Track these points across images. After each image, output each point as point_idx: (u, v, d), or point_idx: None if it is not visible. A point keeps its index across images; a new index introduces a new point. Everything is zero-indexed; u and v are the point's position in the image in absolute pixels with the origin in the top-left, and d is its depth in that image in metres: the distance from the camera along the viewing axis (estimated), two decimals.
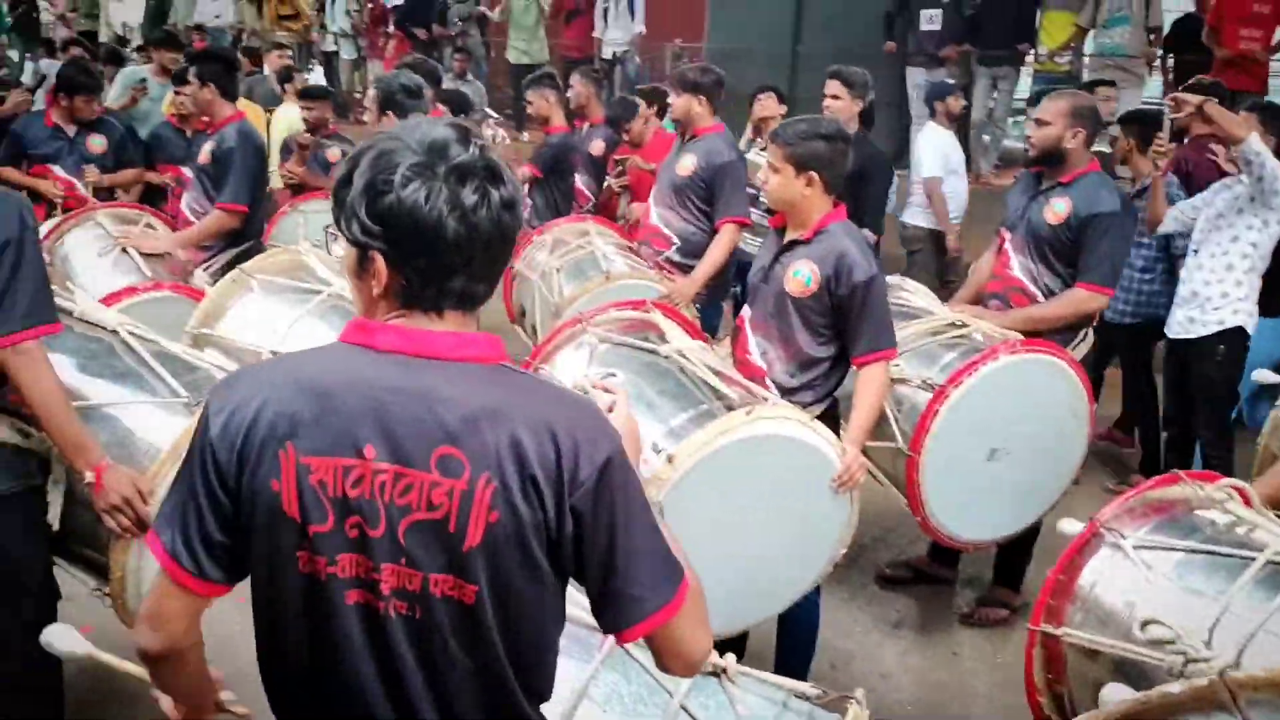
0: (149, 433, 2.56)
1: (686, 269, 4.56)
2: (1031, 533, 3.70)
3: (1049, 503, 3.56)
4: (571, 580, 1.41)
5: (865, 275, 2.95)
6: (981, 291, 3.95)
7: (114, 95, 7.06)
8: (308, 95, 6.34)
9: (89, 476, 2.35)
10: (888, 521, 4.32)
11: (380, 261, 1.32)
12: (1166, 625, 2.08)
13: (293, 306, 3.65)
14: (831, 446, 2.82)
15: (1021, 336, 3.43)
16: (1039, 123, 3.70)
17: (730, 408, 2.75)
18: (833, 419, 3.12)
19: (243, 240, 4.54)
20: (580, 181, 6.03)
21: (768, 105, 6.26)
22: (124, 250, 4.33)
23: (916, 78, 8.52)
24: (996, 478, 3.38)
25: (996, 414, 3.29)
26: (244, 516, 1.35)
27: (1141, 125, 5.01)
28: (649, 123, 5.92)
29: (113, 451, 2.45)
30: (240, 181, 4.44)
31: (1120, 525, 2.38)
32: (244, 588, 1.44)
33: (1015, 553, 3.84)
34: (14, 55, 11.98)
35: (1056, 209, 3.63)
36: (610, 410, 1.54)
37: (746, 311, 3.29)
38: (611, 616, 1.38)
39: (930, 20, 8.50)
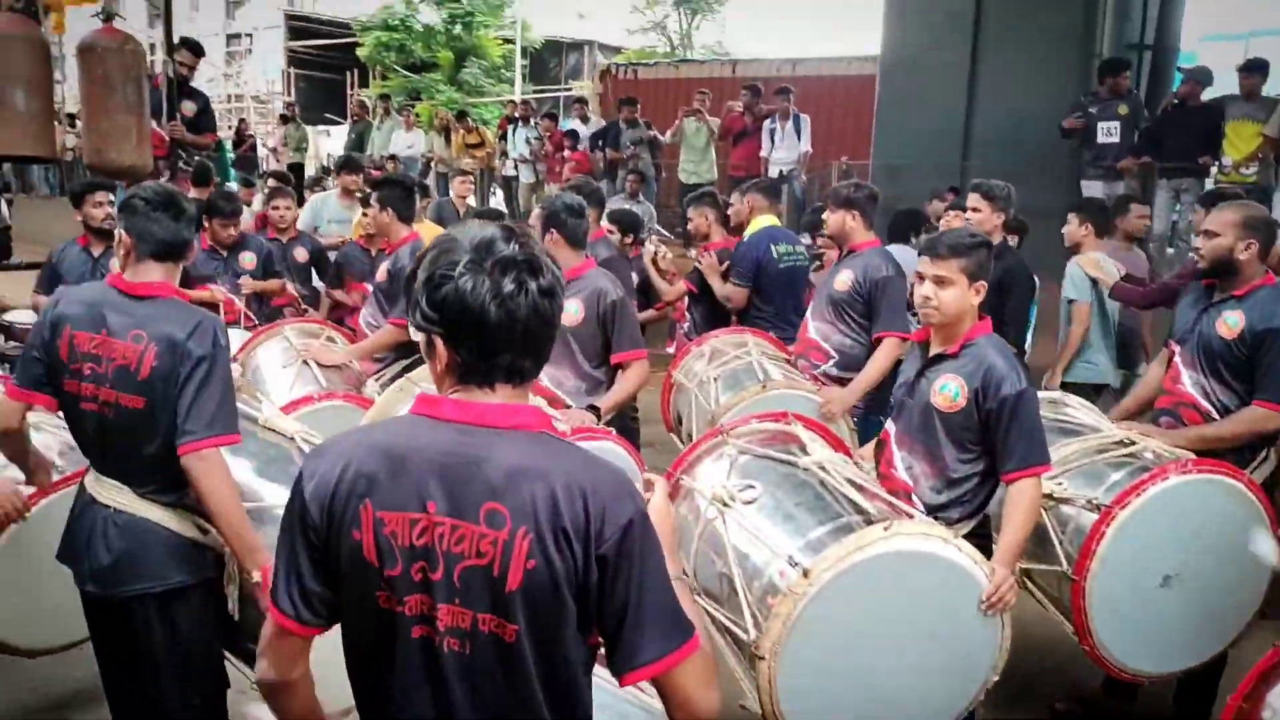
0: None
1: (844, 383, 4.54)
2: (1215, 666, 3.40)
3: (1231, 634, 3.27)
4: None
5: (1014, 389, 2.86)
6: (1150, 407, 3.77)
7: (304, 219, 7.63)
8: (481, 217, 6.73)
9: (256, 575, 2.51)
10: (1060, 651, 4.05)
11: (440, 343, 1.56)
12: None
13: None
14: (978, 565, 2.69)
15: (1194, 456, 3.22)
16: (1208, 234, 3.54)
17: (870, 522, 2.67)
18: (983, 537, 2.99)
19: (412, 353, 4.78)
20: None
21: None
22: (305, 362, 4.62)
23: (1094, 190, 8.31)
24: (1171, 606, 3.14)
25: (1169, 538, 3.08)
26: (333, 564, 1.59)
27: None
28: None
29: None
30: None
31: None
32: None
33: (1198, 689, 3.53)
34: (234, 187, 13.30)
35: (1229, 323, 3.45)
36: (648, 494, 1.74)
37: (891, 426, 3.22)
38: (620, 659, 1.55)
39: (1108, 133, 8.33)
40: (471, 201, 9.01)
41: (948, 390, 2.97)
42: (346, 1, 33.38)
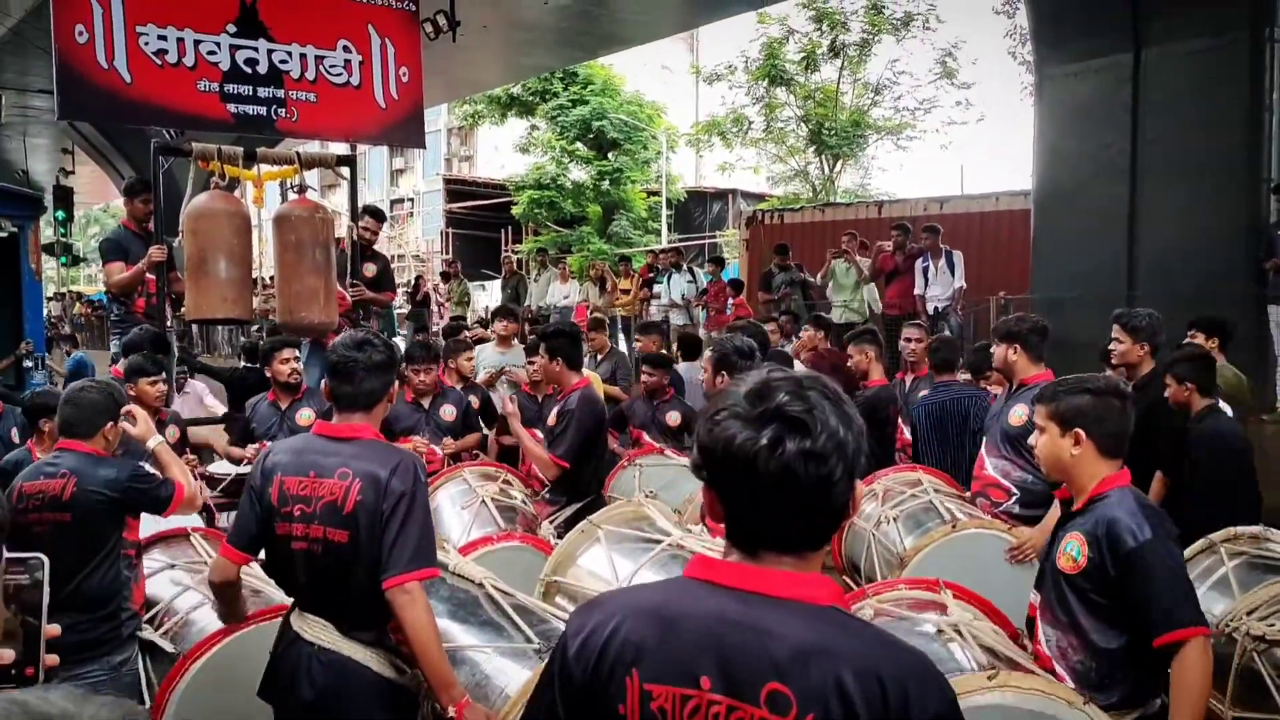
0: (502, 676, 2.78)
1: (1027, 520, 4.35)
2: None
3: None
4: None
5: (1135, 543, 2.57)
6: None
7: (480, 374, 7.95)
8: (649, 362, 6.87)
9: (451, 711, 2.54)
10: None
11: (710, 492, 1.47)
12: None
13: (635, 557, 3.84)
14: None
15: None
16: None
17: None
18: None
19: (584, 495, 4.89)
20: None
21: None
22: (483, 502, 4.79)
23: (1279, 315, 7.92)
24: None
25: None
26: None
27: None
28: None
29: (471, 691, 2.66)
30: (573, 440, 4.83)
31: None
32: None
33: None
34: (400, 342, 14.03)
35: None
36: None
37: (1034, 596, 2.92)
38: None
39: None
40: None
41: (1070, 550, 2.73)
42: (500, 163, 35.49)
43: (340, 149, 8.71)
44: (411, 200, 41.61)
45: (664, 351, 8.96)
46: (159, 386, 5.05)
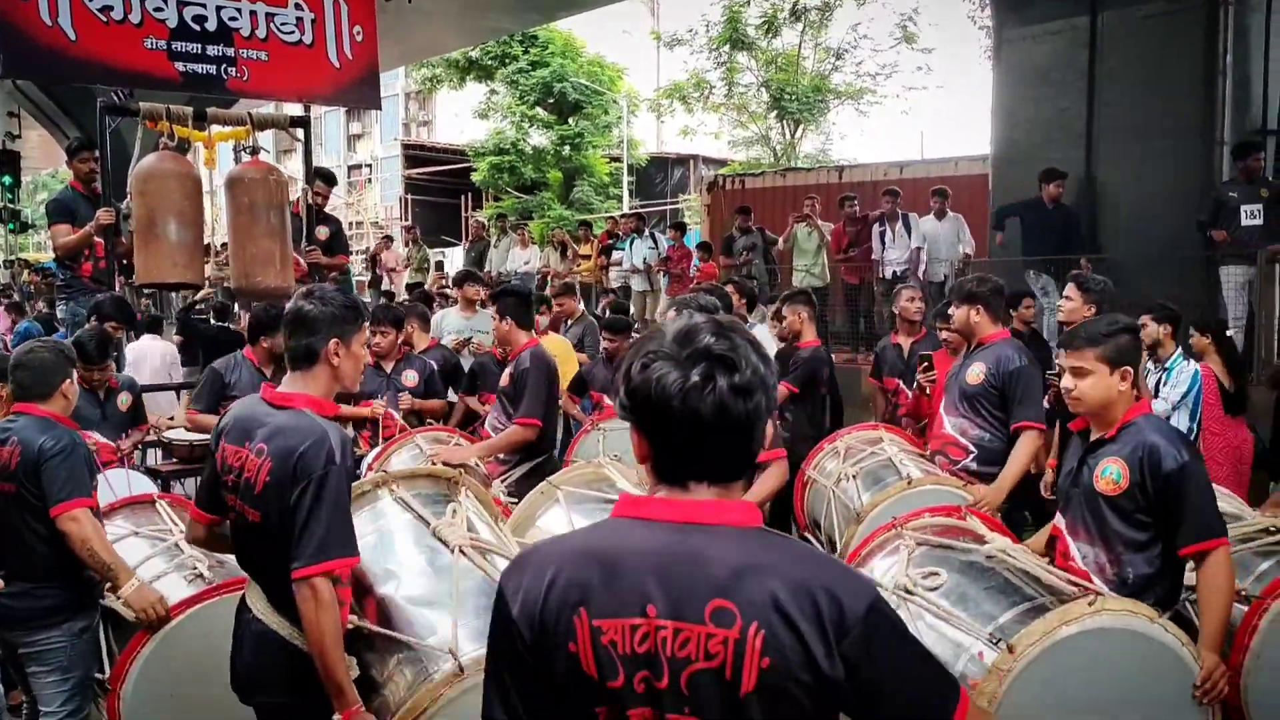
0: (433, 663, 2.65)
1: (984, 477, 4.41)
2: None
3: None
4: None
5: (1175, 464, 2.84)
6: None
7: (446, 339, 7.89)
8: (609, 328, 6.85)
9: (336, 718, 2.45)
10: None
11: (635, 432, 1.52)
12: None
13: (594, 517, 3.82)
14: (1185, 647, 2.56)
15: None
16: None
17: (1065, 601, 2.58)
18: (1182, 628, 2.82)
19: (537, 454, 4.85)
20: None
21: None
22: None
23: (1234, 276, 8.05)
24: None
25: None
26: (547, 679, 1.50)
27: None
28: None
29: (403, 670, 2.62)
30: (535, 399, 4.78)
31: None
32: None
33: None
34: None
35: None
36: None
37: (1060, 519, 3.17)
38: None
39: (1251, 215, 8.09)
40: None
41: (1109, 474, 2.93)
42: (459, 129, 35.11)
43: (295, 111, 8.54)
44: (369, 166, 41.05)
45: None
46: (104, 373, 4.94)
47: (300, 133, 7.55)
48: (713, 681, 1.41)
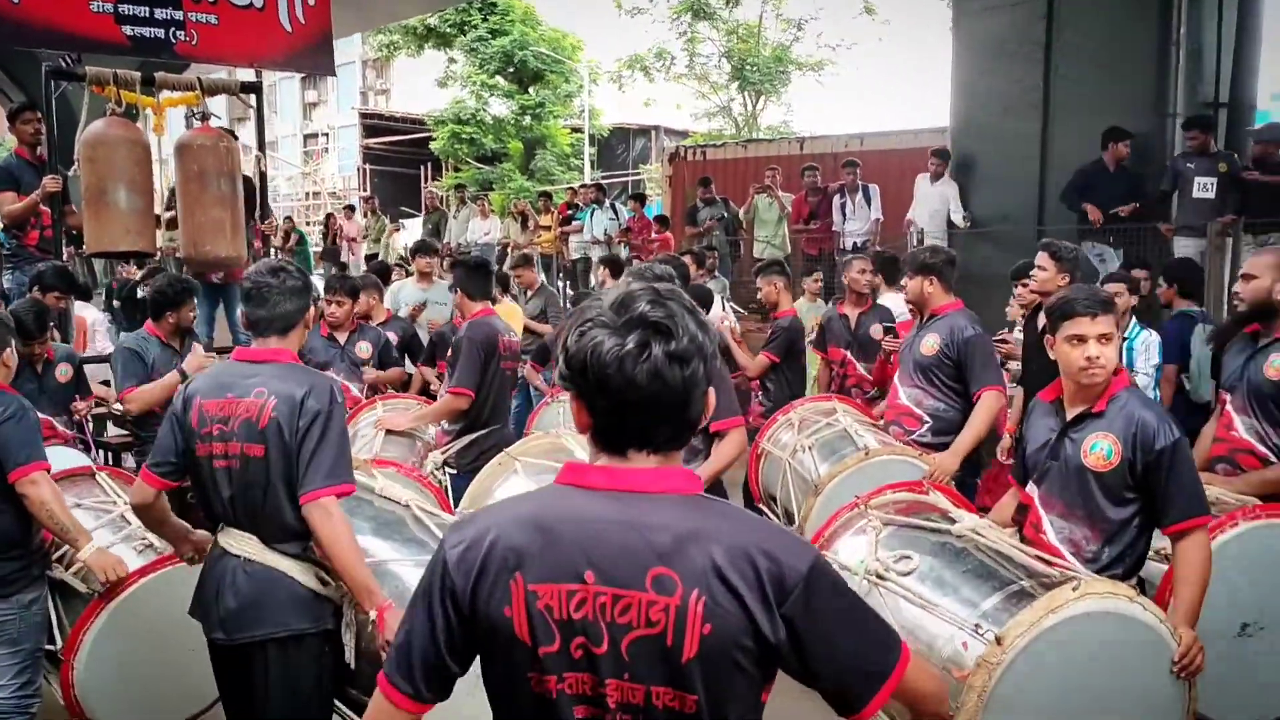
0: None
1: (938, 448, 4.45)
2: None
3: None
4: None
5: (1168, 440, 2.82)
6: (1206, 457, 3.70)
7: (402, 309, 7.83)
8: (668, 263, 6.83)
9: (373, 614, 2.63)
10: None
11: (574, 401, 1.52)
12: None
13: None
14: (1163, 624, 2.59)
15: (1258, 501, 3.17)
16: (1245, 278, 3.62)
17: (1046, 584, 2.59)
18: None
19: (480, 426, 4.77)
20: (861, 368, 6.01)
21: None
22: (378, 434, 4.82)
23: (1186, 249, 8.17)
24: (1252, 655, 3.04)
25: (1242, 585, 3.00)
26: (477, 642, 1.53)
27: None
28: None
29: (398, 601, 2.69)
30: (466, 369, 4.71)
31: None
32: None
33: None
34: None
35: (1275, 364, 3.46)
36: None
37: (1034, 490, 3.11)
38: (851, 697, 1.49)
39: (1204, 188, 8.19)
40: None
41: (1100, 449, 2.89)
42: (418, 98, 34.68)
43: (247, 76, 8.37)
44: (326, 135, 40.49)
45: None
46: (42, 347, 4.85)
47: (252, 98, 7.41)
48: (654, 648, 1.42)
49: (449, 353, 4.99)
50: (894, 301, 6.35)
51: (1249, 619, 3.05)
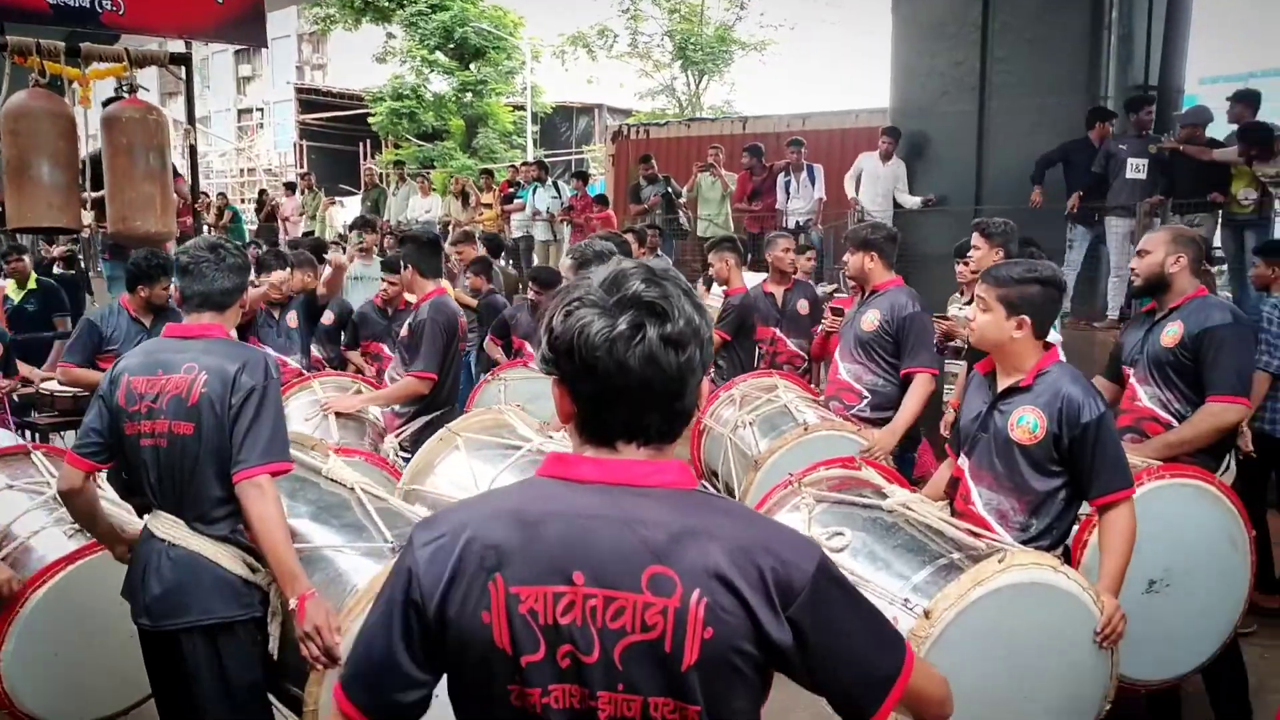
0: (355, 573, 2.75)
1: (878, 422, 4.51)
2: (1241, 681, 3.56)
3: (1225, 632, 3.31)
4: None
5: (1093, 415, 2.84)
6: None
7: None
8: (538, 280, 6.79)
9: (293, 603, 2.53)
10: None
11: (557, 387, 1.39)
12: None
13: (495, 463, 3.81)
14: (1086, 591, 2.64)
15: (1157, 465, 3.29)
16: (1141, 254, 3.77)
17: (973, 557, 2.62)
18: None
19: (435, 408, 4.70)
20: (791, 344, 6.04)
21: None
22: (325, 416, 4.67)
23: (1118, 228, 8.36)
24: (1159, 611, 3.15)
25: (1148, 543, 3.05)
26: (448, 652, 1.36)
27: None
28: None
29: (323, 588, 2.65)
30: (431, 351, 4.61)
31: None
32: None
33: (1235, 711, 3.60)
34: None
35: (1170, 333, 3.62)
36: None
37: (964, 461, 3.16)
38: (859, 706, 1.39)
39: (1136, 169, 8.38)
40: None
41: (1025, 423, 2.94)
42: (357, 74, 34.06)
43: (177, 48, 8.14)
44: (261, 110, 39.62)
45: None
46: None
47: (182, 71, 7.21)
48: (650, 655, 1.30)
49: (407, 334, 4.82)
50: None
51: (1155, 576, 3.15)
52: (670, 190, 12.09)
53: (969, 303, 4.22)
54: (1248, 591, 3.36)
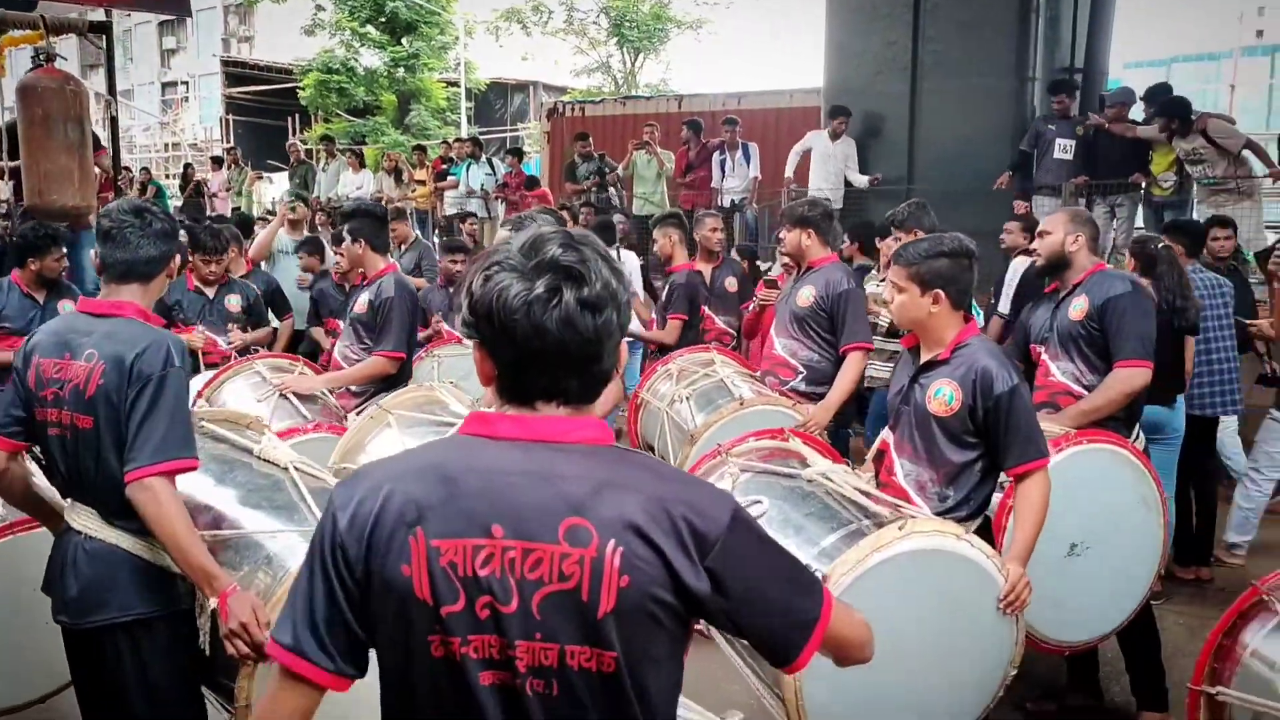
0: (287, 554, 2.63)
1: (813, 397, 4.55)
2: (1154, 643, 3.68)
3: (1141, 592, 3.46)
4: None
5: (1006, 386, 2.89)
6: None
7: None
8: (452, 250, 6.71)
9: (213, 603, 2.38)
10: (1026, 652, 4.06)
11: (477, 349, 1.43)
12: None
13: (427, 440, 3.75)
14: (989, 559, 2.68)
15: (1074, 430, 3.40)
16: (1041, 235, 3.91)
17: (881, 524, 2.66)
18: (986, 535, 2.99)
19: (394, 387, 4.51)
20: (720, 321, 6.06)
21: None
22: (283, 395, 4.48)
23: (1045, 208, 8.55)
24: (1081, 574, 3.26)
25: (1069, 508, 3.15)
26: (373, 605, 1.39)
27: (1188, 234, 5.34)
28: None
29: (256, 576, 2.53)
30: (399, 331, 4.46)
31: None
32: None
33: (1149, 671, 3.73)
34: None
35: (1077, 307, 3.75)
36: None
37: (889, 434, 3.23)
38: (782, 650, 1.45)
39: (1064, 150, 8.57)
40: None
41: (942, 395, 3.00)
42: (285, 48, 33.29)
43: (98, 17, 7.87)
44: (186, 84, 38.54)
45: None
46: None
47: (102, 40, 6.99)
48: (567, 604, 1.33)
49: (364, 310, 4.60)
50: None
51: (1076, 539, 3.25)
52: (605, 168, 12.04)
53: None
54: (1162, 551, 3.49)
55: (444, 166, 13.74)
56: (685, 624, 1.40)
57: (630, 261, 8.08)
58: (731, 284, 6.08)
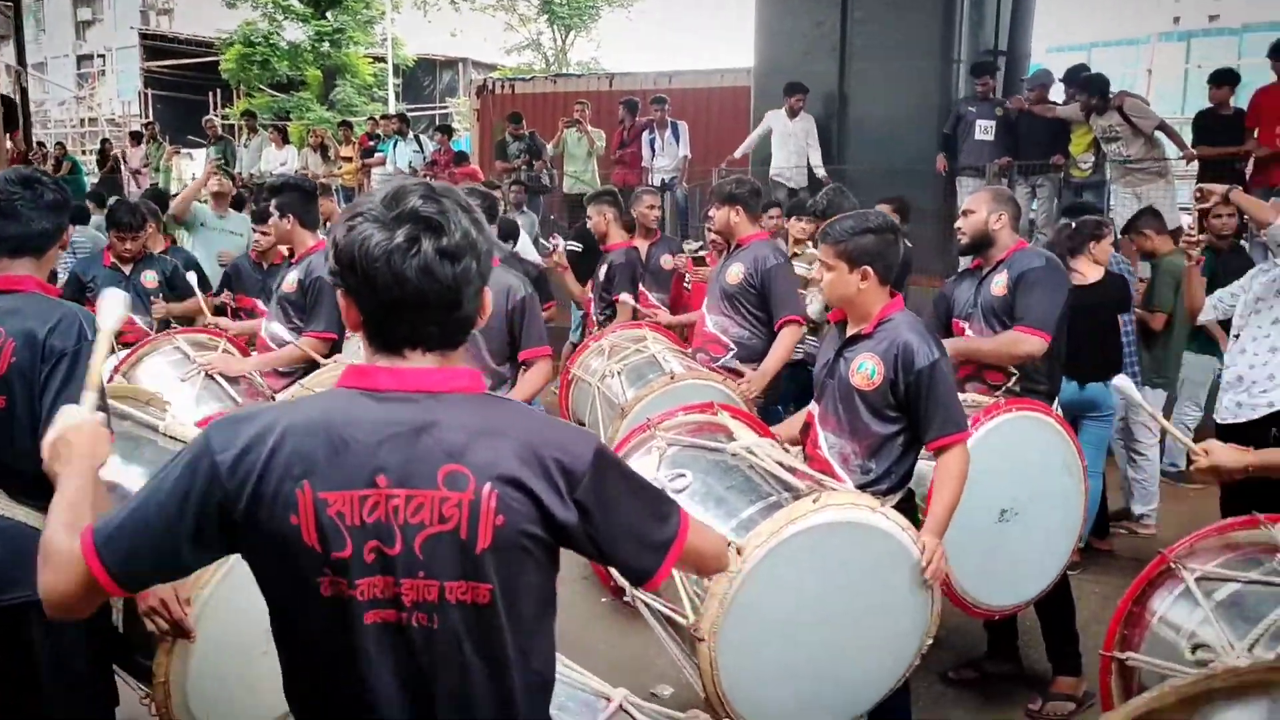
0: None
1: (743, 374, 4.60)
2: (1069, 611, 3.80)
3: (1065, 557, 3.59)
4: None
5: (927, 360, 2.95)
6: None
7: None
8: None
9: None
10: (948, 622, 4.17)
11: (343, 297, 1.50)
12: (1210, 646, 2.12)
13: None
14: (905, 532, 2.72)
15: (1004, 400, 3.52)
16: (966, 214, 3.98)
17: (799, 497, 2.68)
18: (909, 508, 3.07)
19: (320, 366, 4.38)
20: (654, 298, 6.06)
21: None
22: (209, 376, 4.33)
23: (969, 189, 8.72)
24: (1012, 539, 3.37)
25: (999, 474, 3.26)
26: (257, 550, 1.47)
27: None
28: None
29: None
30: (331, 310, 4.28)
31: (1188, 559, 2.44)
32: None
33: (1064, 638, 3.84)
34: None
35: (999, 283, 3.86)
36: None
37: (814, 407, 3.28)
38: (641, 570, 1.59)
39: (985, 131, 8.73)
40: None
41: (865, 369, 3.05)
42: (206, 20, 32.37)
43: None
44: (103, 57, 37.26)
45: None
46: None
47: (11, 10, 6.72)
48: (448, 544, 1.43)
49: (294, 289, 4.47)
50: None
51: (1006, 505, 3.35)
52: (535, 146, 11.95)
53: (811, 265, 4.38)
54: (1083, 516, 3.62)
55: (371, 144, 13.52)
56: (553, 551, 1.52)
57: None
58: (666, 261, 6.11)
